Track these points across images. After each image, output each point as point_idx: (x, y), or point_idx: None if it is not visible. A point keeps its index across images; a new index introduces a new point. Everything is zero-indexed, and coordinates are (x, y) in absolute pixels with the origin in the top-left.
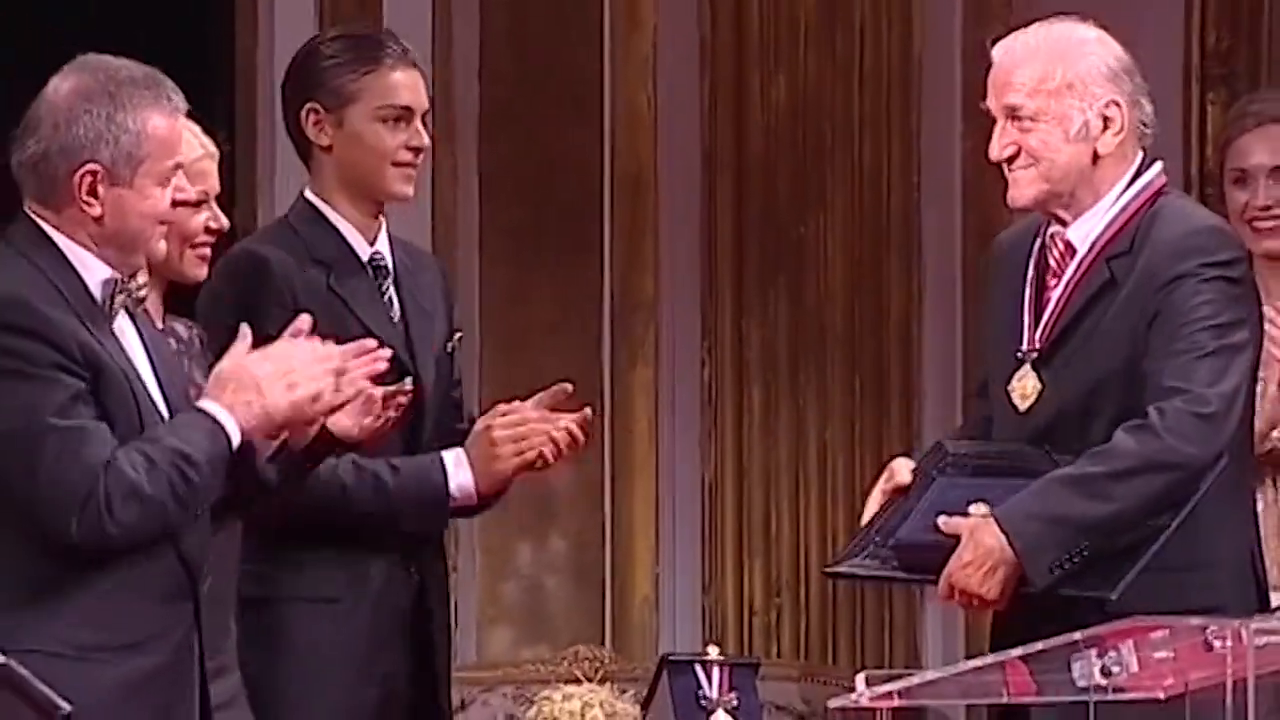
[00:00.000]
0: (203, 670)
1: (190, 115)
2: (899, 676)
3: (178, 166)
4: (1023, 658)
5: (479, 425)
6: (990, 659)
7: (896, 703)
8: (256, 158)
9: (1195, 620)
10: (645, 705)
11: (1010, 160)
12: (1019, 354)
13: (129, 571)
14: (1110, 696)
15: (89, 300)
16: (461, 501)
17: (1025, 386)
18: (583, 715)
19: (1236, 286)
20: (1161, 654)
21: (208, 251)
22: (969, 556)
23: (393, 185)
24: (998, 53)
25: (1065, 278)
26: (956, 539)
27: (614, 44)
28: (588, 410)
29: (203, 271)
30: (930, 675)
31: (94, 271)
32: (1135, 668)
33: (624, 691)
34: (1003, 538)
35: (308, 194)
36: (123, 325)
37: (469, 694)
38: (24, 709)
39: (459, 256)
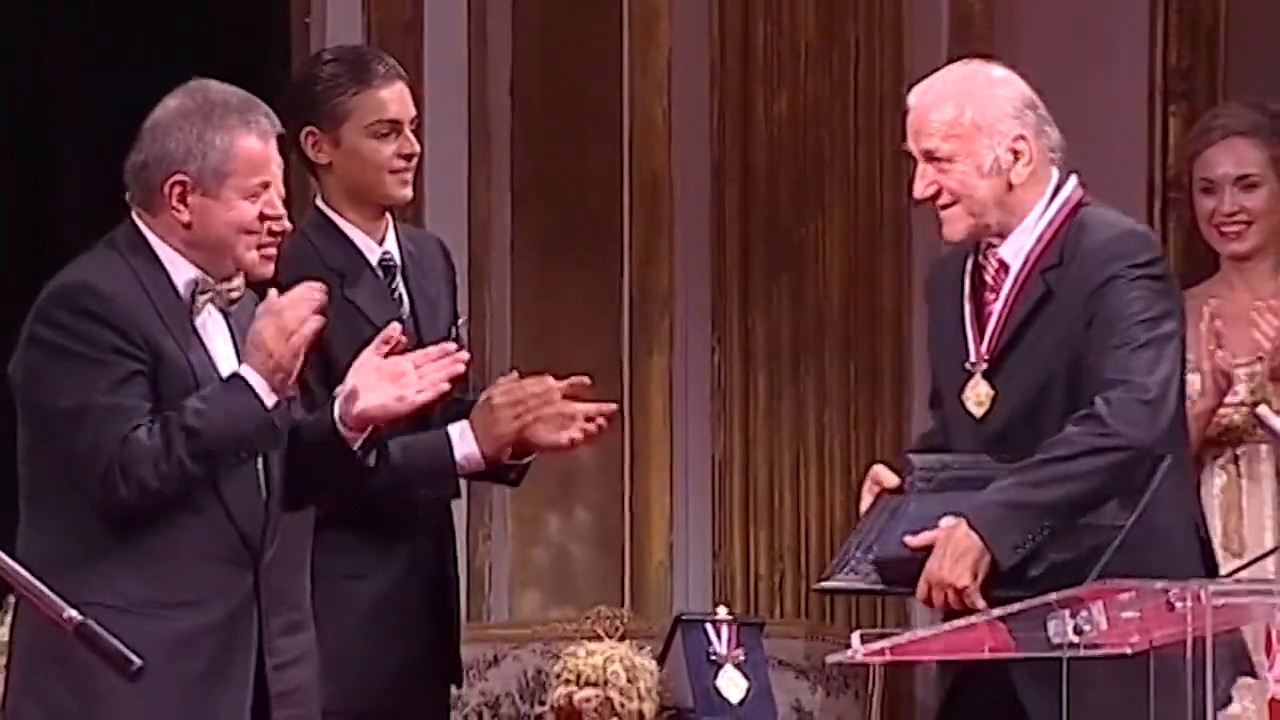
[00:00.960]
0: (261, 633)
1: None
2: (890, 634)
3: (265, 184)
4: (1001, 617)
5: (481, 396)
6: (972, 619)
7: (888, 658)
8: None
9: (1159, 583)
10: (661, 660)
11: (934, 199)
12: (968, 366)
13: (182, 535)
14: (1082, 653)
15: (174, 297)
16: (470, 468)
17: (979, 394)
18: (604, 669)
19: (1159, 283)
20: (1129, 614)
21: (272, 251)
22: (940, 552)
23: (392, 191)
24: (912, 98)
25: (1003, 293)
26: (929, 550)
27: (633, 64)
28: (613, 405)
29: (268, 269)
30: (919, 633)
31: (181, 271)
32: (1105, 626)
33: (642, 648)
34: (966, 528)
35: (319, 204)
36: (210, 321)
37: (501, 650)
38: (99, 662)
39: (493, 257)
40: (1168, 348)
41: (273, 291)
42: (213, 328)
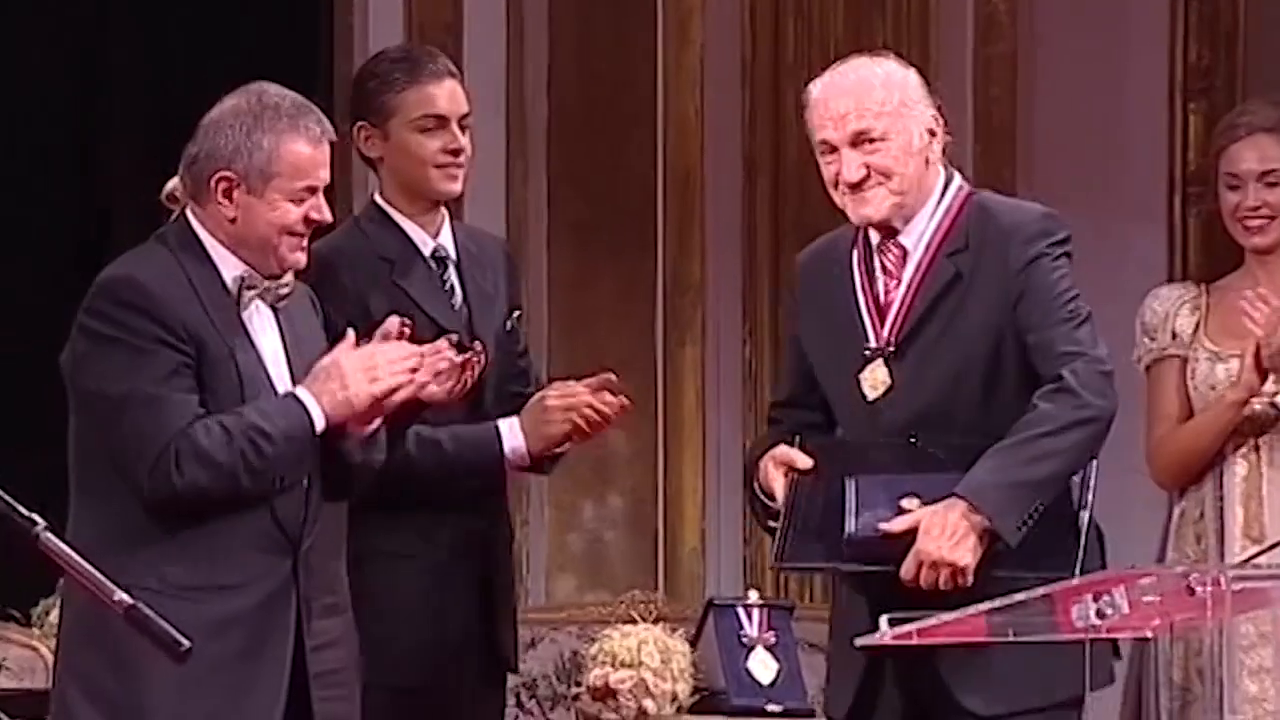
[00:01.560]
0: (299, 620)
1: None
2: (917, 618)
3: (311, 189)
4: (1026, 602)
5: (536, 395)
6: (996, 603)
7: (915, 640)
8: (351, 164)
9: (1180, 568)
10: (694, 642)
11: (859, 183)
12: (867, 351)
13: (221, 522)
14: (1104, 636)
15: (221, 292)
16: (516, 462)
17: (875, 378)
18: (639, 651)
19: (1070, 263)
20: (1149, 598)
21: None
22: (936, 532)
23: (438, 185)
24: (827, 91)
25: (905, 278)
26: (906, 531)
27: (666, 61)
28: (624, 401)
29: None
30: (945, 616)
31: (229, 267)
32: (1126, 610)
33: (675, 631)
34: (967, 509)
35: (375, 196)
36: (257, 316)
37: (538, 633)
38: (138, 643)
39: (530, 249)
40: (1093, 323)
41: (350, 334)
42: (261, 323)
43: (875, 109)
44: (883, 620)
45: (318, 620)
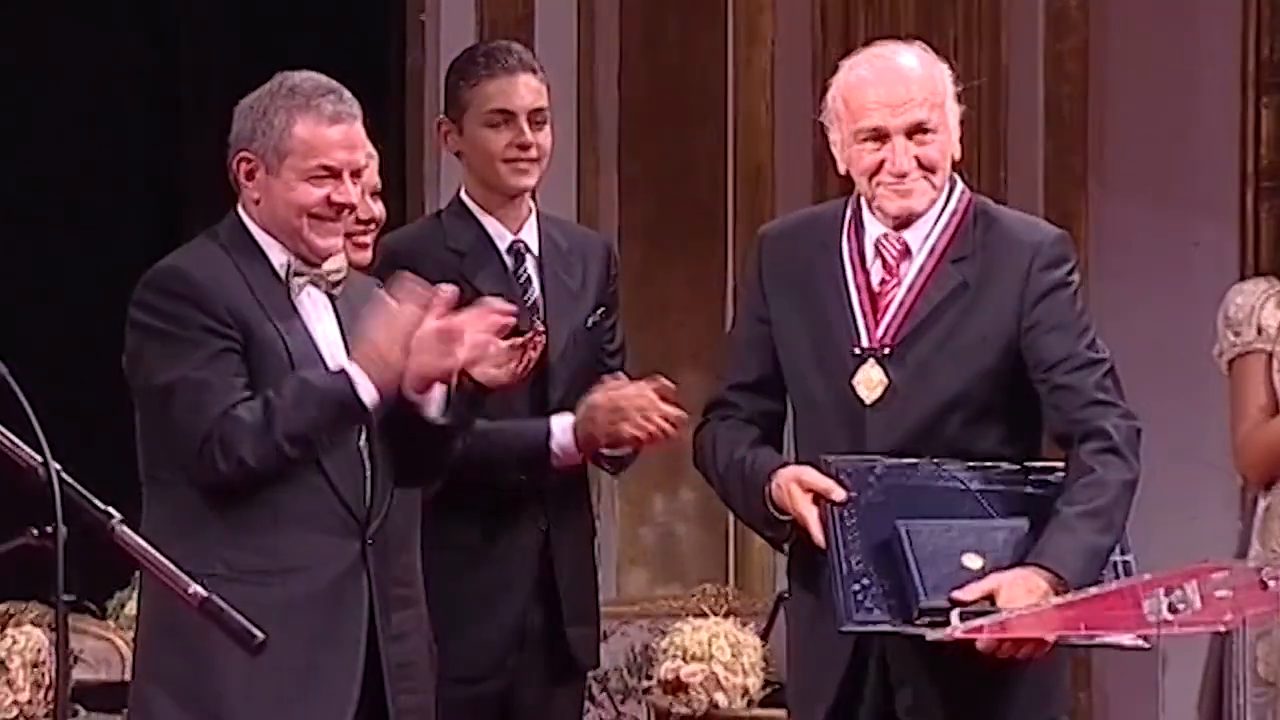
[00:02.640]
0: (373, 603)
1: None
2: (988, 612)
3: (327, 168)
4: (1098, 597)
5: (587, 396)
6: (1068, 598)
7: (986, 635)
8: (423, 159)
9: (1253, 562)
10: (764, 636)
11: (905, 174)
12: (857, 349)
13: (284, 505)
14: (1176, 631)
15: (272, 279)
16: (565, 460)
17: (870, 379)
18: (709, 645)
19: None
20: (1222, 592)
21: (365, 239)
22: (1022, 602)
23: (507, 180)
24: (880, 75)
25: (908, 280)
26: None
27: (736, 58)
28: (678, 412)
29: (361, 257)
30: (1017, 611)
31: (277, 254)
32: (1199, 605)
33: (745, 624)
34: (1052, 579)
35: (460, 190)
36: (311, 303)
37: (610, 626)
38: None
39: None
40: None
41: (384, 295)
42: (315, 309)
43: (932, 99)
44: (953, 614)
45: (390, 611)
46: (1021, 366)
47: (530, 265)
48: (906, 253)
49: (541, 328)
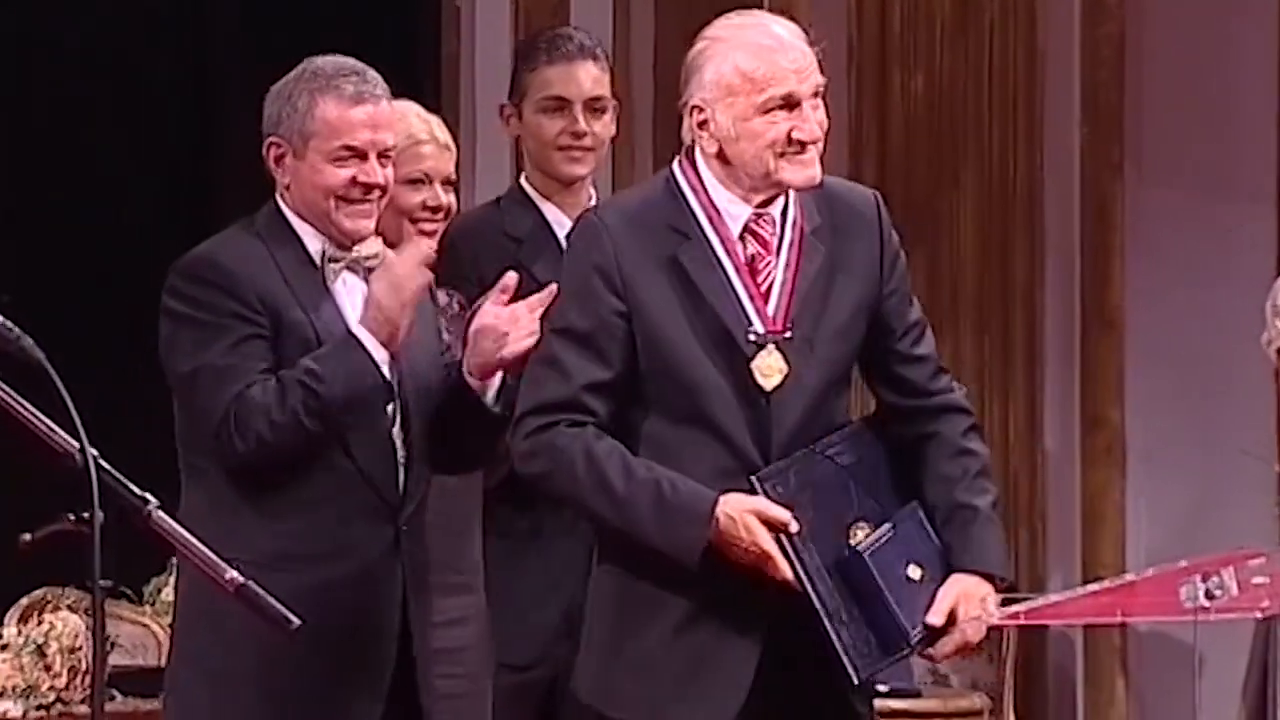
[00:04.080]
0: (405, 589)
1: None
2: (1024, 600)
3: (351, 149)
4: (1134, 583)
5: None
6: (1105, 584)
7: (1022, 622)
8: (459, 148)
9: None
10: None
11: (814, 141)
12: (752, 335)
13: (312, 491)
14: (1213, 618)
15: (306, 265)
16: None
17: (768, 366)
18: None
19: None
20: (1259, 579)
21: (431, 228)
22: (974, 621)
23: (560, 168)
24: (782, 41)
25: (783, 257)
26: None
27: None
28: None
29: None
30: (1053, 598)
31: (312, 240)
32: (1236, 591)
33: None
34: (990, 580)
35: (521, 176)
36: (347, 289)
37: None
38: (258, 622)
39: None
40: None
41: (386, 250)
42: (352, 295)
43: (816, 65)
44: (990, 601)
45: (441, 598)
46: (872, 336)
47: None
48: (776, 228)
49: None
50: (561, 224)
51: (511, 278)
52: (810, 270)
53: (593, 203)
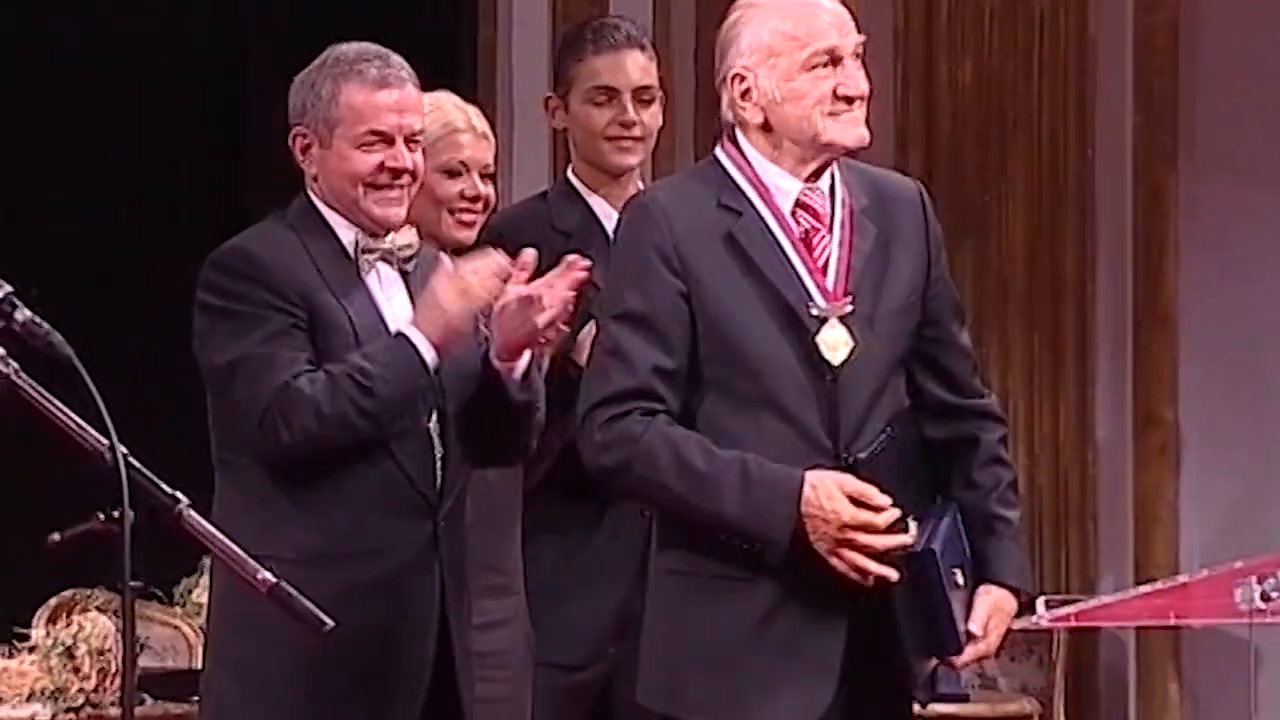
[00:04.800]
0: (444, 587)
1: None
2: (1075, 601)
3: (378, 134)
4: (1187, 584)
5: None
6: (1158, 585)
7: (1073, 624)
8: (496, 138)
9: None
10: None
11: (860, 97)
12: (814, 310)
13: (351, 486)
14: (1269, 620)
15: (340, 257)
16: None
17: (834, 340)
18: None
19: None
20: None
21: (469, 218)
22: (995, 636)
23: (610, 158)
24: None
25: (836, 232)
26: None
27: None
28: None
29: (465, 235)
30: (1105, 599)
31: (344, 231)
32: None
33: None
34: (1016, 594)
35: (569, 169)
36: (382, 280)
37: None
38: (291, 623)
39: None
40: None
41: (444, 258)
42: (386, 287)
43: (854, 25)
44: (1039, 603)
45: (484, 599)
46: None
47: None
48: (828, 202)
49: None
50: (609, 216)
51: (530, 254)
52: (864, 247)
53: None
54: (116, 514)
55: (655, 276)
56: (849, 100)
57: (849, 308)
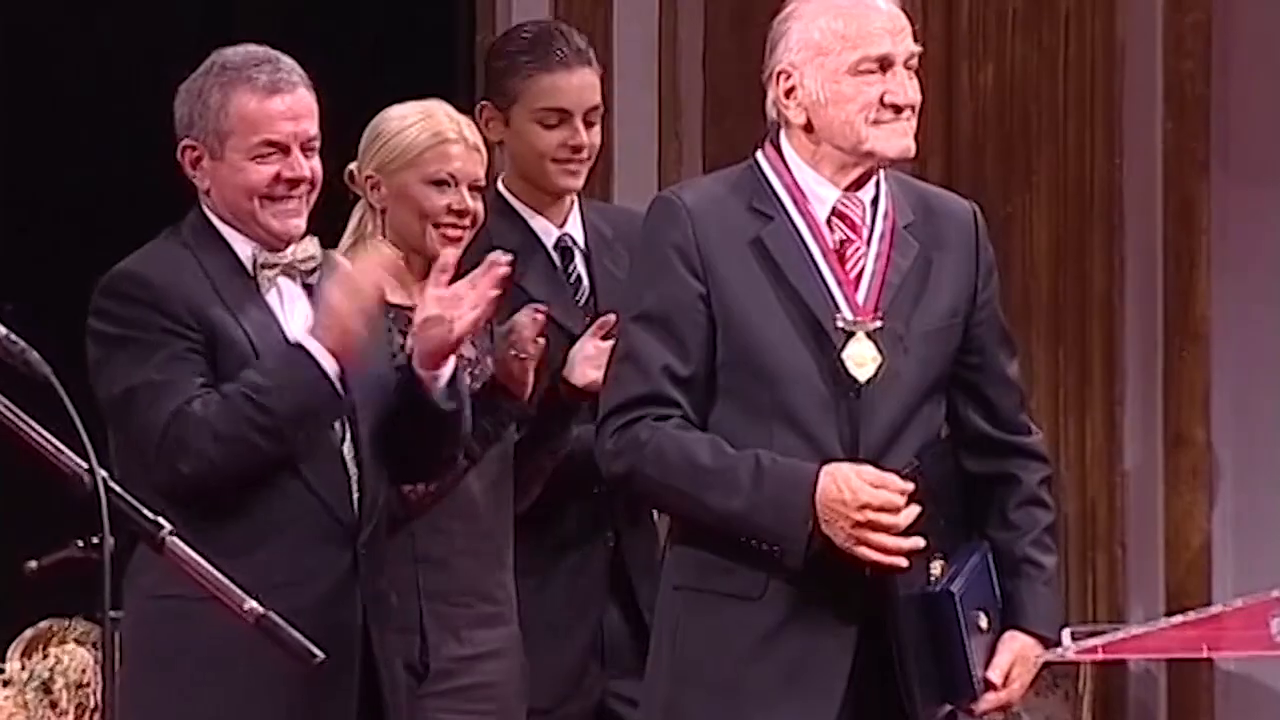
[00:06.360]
0: (365, 618)
1: None
2: (1103, 632)
3: (273, 144)
4: (1221, 615)
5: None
6: (1190, 616)
7: (1101, 656)
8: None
9: None
10: None
11: (910, 106)
12: (841, 322)
13: (264, 517)
14: None
15: (238, 273)
16: None
17: (861, 355)
18: None
19: None
20: None
21: (455, 234)
22: (1018, 686)
23: (555, 180)
24: (877, 2)
25: (874, 245)
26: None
27: None
28: None
29: (453, 252)
30: (1134, 630)
31: (242, 246)
32: None
33: None
34: (1043, 641)
35: (499, 184)
36: (285, 296)
37: None
38: (281, 655)
39: None
40: None
41: (343, 260)
42: (289, 302)
43: (911, 34)
44: (1065, 634)
45: (472, 630)
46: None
47: (579, 261)
48: (867, 214)
49: (546, 307)
50: (549, 233)
51: (450, 255)
52: (903, 264)
53: (575, 206)
54: (96, 541)
55: (673, 275)
56: (896, 109)
57: (878, 323)
